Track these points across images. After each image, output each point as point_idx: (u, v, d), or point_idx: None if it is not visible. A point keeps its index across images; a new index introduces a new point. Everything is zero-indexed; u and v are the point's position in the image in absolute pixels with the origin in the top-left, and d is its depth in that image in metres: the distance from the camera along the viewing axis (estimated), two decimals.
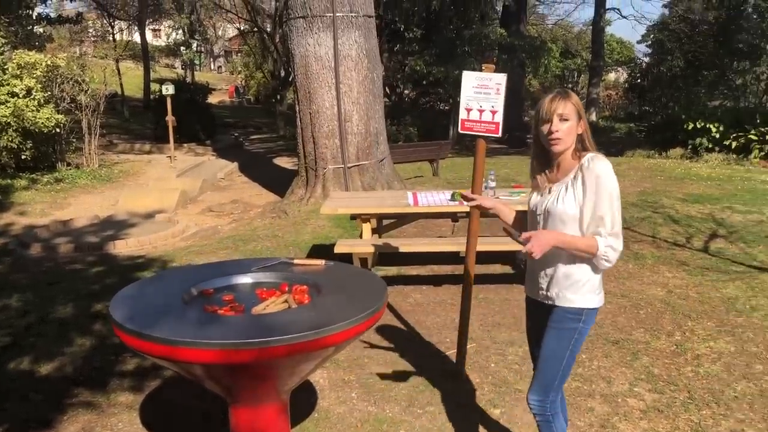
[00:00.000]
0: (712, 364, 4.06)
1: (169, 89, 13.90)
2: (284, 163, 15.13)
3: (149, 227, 8.48)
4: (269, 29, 24.59)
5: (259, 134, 23.19)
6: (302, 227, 7.83)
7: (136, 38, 30.81)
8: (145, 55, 25.85)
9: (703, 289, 5.44)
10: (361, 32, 8.92)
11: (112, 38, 28.05)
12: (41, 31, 19.18)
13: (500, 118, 3.46)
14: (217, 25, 37.41)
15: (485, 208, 2.82)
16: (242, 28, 29.25)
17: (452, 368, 4.02)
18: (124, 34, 31.94)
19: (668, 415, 3.47)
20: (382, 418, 3.49)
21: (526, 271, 2.66)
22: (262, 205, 10.10)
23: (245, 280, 3.06)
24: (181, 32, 28.82)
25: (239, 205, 10.26)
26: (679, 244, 6.80)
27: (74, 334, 4.70)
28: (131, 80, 26.86)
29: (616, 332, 4.58)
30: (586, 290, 2.46)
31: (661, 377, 3.89)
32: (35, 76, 11.53)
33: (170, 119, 13.88)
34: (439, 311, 5.10)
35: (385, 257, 6.23)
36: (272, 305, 2.64)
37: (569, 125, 2.38)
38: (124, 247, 7.47)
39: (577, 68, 38.00)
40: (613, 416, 3.47)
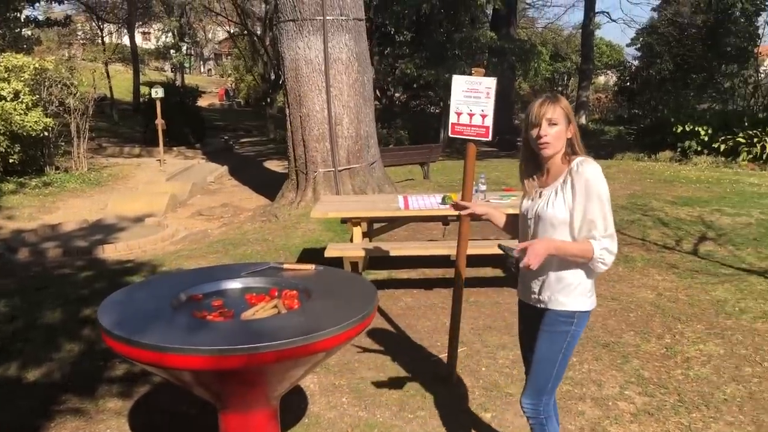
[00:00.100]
0: (701, 366, 4.07)
1: (158, 92, 13.84)
2: (274, 166, 15.09)
3: (138, 231, 8.44)
4: (259, 32, 24.56)
5: (249, 137, 23.14)
6: (293, 231, 7.81)
7: (125, 41, 30.70)
8: (134, 58, 25.77)
9: (692, 291, 5.47)
10: (351, 35, 8.92)
11: (101, 41, 27.89)
12: (29, 33, 19.06)
13: (490, 122, 3.46)
14: (207, 27, 37.30)
15: (478, 215, 2.82)
16: (232, 31, 29.20)
17: (443, 372, 4.01)
18: (113, 37, 31.79)
19: (658, 418, 3.47)
20: (372, 423, 3.48)
21: (518, 274, 2.66)
22: (252, 208, 10.06)
23: (234, 285, 3.04)
24: (170, 35, 28.77)
25: (229, 208, 10.22)
26: (668, 246, 6.83)
27: (62, 339, 4.66)
28: (120, 83, 26.75)
29: (606, 335, 4.59)
30: (577, 293, 2.46)
31: (651, 380, 3.90)
32: (23, 79, 11.44)
33: (160, 122, 13.82)
34: (430, 315, 5.09)
35: (375, 261, 6.22)
36: (262, 311, 2.63)
37: (558, 129, 2.39)
38: (113, 251, 7.42)
39: (566, 71, 38.21)
40: (603, 420, 3.47)
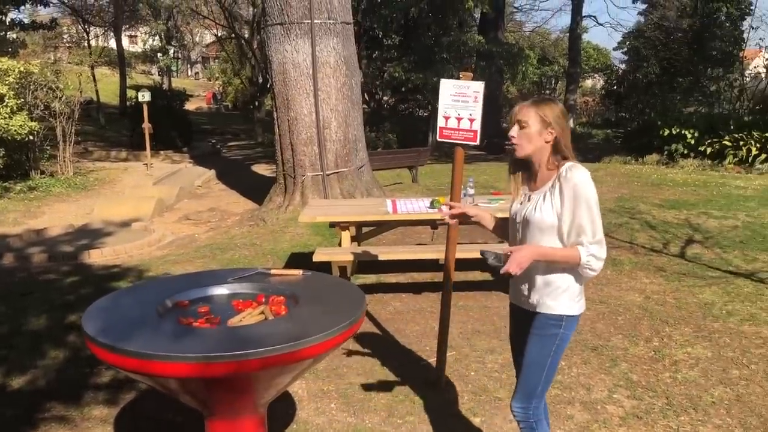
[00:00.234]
0: (689, 369, 4.08)
1: (145, 96, 13.78)
2: (262, 170, 15.05)
3: (125, 236, 8.37)
4: (247, 35, 24.50)
5: (236, 141, 23.07)
6: (280, 235, 7.78)
7: (112, 44, 30.52)
8: (121, 61, 25.64)
9: (680, 294, 5.49)
10: (339, 39, 8.91)
11: (87, 44, 27.70)
12: (14, 37, 18.93)
13: (478, 125, 3.46)
14: (194, 31, 37.21)
15: (469, 215, 2.81)
16: (220, 34, 29.12)
17: (432, 377, 3.99)
18: (99, 40, 31.58)
19: (647, 421, 3.48)
20: (361, 428, 3.46)
21: (509, 278, 2.66)
22: (239, 213, 10.02)
23: (221, 291, 3.01)
24: (157, 38, 28.61)
25: (216, 213, 10.17)
26: (656, 249, 6.86)
27: (48, 346, 4.61)
28: (107, 87, 26.60)
29: (594, 339, 4.59)
30: (566, 297, 2.46)
31: (639, 384, 3.90)
32: (8, 82, 11.34)
33: (147, 126, 13.76)
34: (418, 319, 5.08)
35: (364, 265, 6.21)
36: (248, 317, 2.60)
37: (526, 132, 2.42)
38: (99, 256, 7.36)
39: (554, 75, 38.42)
40: (592, 423, 3.46)
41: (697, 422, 3.46)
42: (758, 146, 13.17)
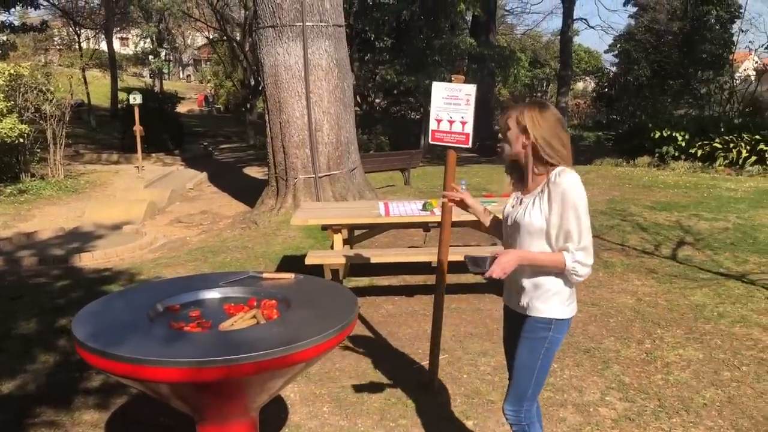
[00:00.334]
0: (681, 371, 4.09)
1: (136, 98, 13.74)
2: (254, 172, 15.01)
3: (116, 239, 8.33)
4: (239, 38, 24.46)
5: (228, 143, 23.02)
6: (273, 238, 7.76)
7: (103, 47, 30.39)
8: (112, 63, 25.54)
9: (671, 296, 5.51)
10: (331, 42, 8.91)
11: (78, 47, 27.57)
12: (4, 39, 18.83)
13: (470, 128, 3.46)
14: (185, 33, 37.12)
15: (467, 204, 2.82)
16: (211, 36, 29.07)
17: (425, 380, 3.99)
18: (90, 42, 31.44)
19: (639, 423, 3.48)
20: None
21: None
22: (231, 215, 9.99)
23: (213, 295, 2.99)
24: (149, 41, 28.53)
25: (208, 215, 10.14)
26: (647, 251, 6.88)
27: (38, 350, 4.58)
28: (98, 89, 26.45)
29: (587, 341, 4.60)
30: (555, 300, 2.46)
31: (631, 386, 3.91)
32: None
33: (138, 129, 13.72)
34: (411, 322, 5.07)
35: (356, 268, 6.20)
36: (240, 321, 2.59)
37: (508, 135, 2.48)
38: (90, 259, 7.32)
39: (545, 77, 38.54)
40: (585, 426, 3.47)
41: (689, 424, 3.47)
42: (748, 148, 13.25)
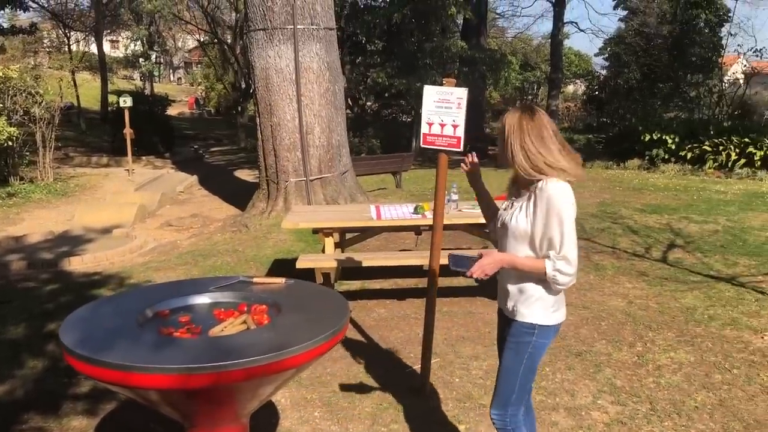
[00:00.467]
0: (672, 374, 4.09)
1: (126, 101, 13.66)
2: (245, 175, 14.96)
3: (106, 243, 8.27)
4: (230, 41, 24.40)
5: (219, 146, 22.93)
6: (263, 241, 7.73)
7: (93, 49, 30.21)
8: (102, 66, 25.40)
9: (662, 299, 5.52)
10: (322, 45, 8.89)
11: (68, 49, 27.41)
12: None
13: (462, 132, 3.45)
14: (176, 36, 36.97)
15: (476, 177, 2.80)
16: (202, 39, 28.97)
17: (416, 384, 3.97)
18: (80, 45, 31.27)
19: (631, 427, 3.48)
20: None
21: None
22: (222, 219, 9.94)
23: (202, 300, 2.96)
24: (139, 43, 28.42)
25: (199, 219, 10.08)
26: (638, 254, 6.89)
27: (26, 355, 4.54)
28: (88, 92, 26.30)
29: (578, 344, 4.60)
30: (539, 306, 2.46)
31: (623, 389, 3.91)
32: None
33: (128, 132, 13.63)
34: (402, 326, 5.06)
35: (348, 271, 6.18)
36: (230, 326, 2.57)
37: (499, 138, 2.48)
38: (79, 263, 7.26)
39: (536, 80, 38.65)
40: (577, 430, 3.46)
41: (680, 427, 3.47)
42: (737, 151, 13.33)
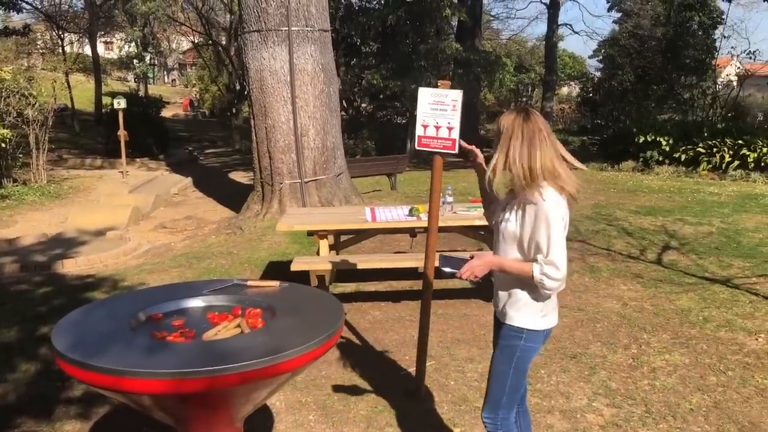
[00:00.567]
0: (667, 377, 4.09)
1: (121, 103, 13.62)
2: (240, 177, 14.93)
3: (100, 245, 8.23)
4: (224, 42, 24.36)
5: (214, 148, 22.89)
6: (258, 244, 7.71)
7: (87, 51, 30.11)
8: (96, 68, 25.30)
9: (657, 301, 5.52)
10: (316, 46, 8.88)
11: (61, 51, 27.31)
12: None
13: (457, 134, 3.44)
14: (170, 38, 36.89)
15: (479, 161, 2.77)
16: (197, 41, 28.92)
17: (411, 387, 3.96)
18: (74, 46, 31.15)
19: (626, 429, 3.47)
20: None
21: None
22: (216, 221, 9.91)
23: (196, 303, 2.95)
24: (133, 45, 28.33)
25: (193, 221, 10.05)
26: (633, 256, 6.90)
27: (18, 359, 4.50)
28: (82, 93, 26.22)
29: (573, 346, 4.59)
30: (527, 311, 2.47)
31: (618, 391, 3.90)
32: None
33: (122, 133, 13.60)
34: (398, 328, 5.05)
35: (343, 274, 6.16)
36: (224, 330, 2.55)
37: (494, 140, 2.48)
38: (73, 266, 7.23)
39: (531, 82, 38.71)
40: None
41: (676, 430, 3.46)
42: (731, 153, 13.37)
